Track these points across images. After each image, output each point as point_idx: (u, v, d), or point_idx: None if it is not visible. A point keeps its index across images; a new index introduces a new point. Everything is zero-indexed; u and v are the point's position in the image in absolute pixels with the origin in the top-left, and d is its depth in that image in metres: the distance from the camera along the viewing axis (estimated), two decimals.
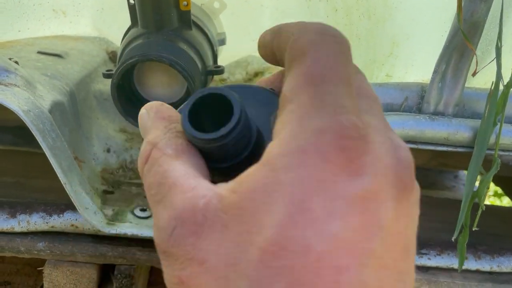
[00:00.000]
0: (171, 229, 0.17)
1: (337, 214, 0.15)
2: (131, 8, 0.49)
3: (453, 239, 0.45)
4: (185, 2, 0.48)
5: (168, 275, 0.17)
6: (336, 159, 0.16)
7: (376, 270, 0.16)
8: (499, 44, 0.41)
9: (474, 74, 0.41)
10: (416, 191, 0.18)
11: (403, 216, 0.17)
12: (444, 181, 1.00)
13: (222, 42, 0.57)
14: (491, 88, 0.42)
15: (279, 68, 0.79)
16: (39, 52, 0.59)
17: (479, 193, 0.45)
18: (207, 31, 0.53)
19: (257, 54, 0.77)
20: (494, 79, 0.43)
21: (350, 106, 0.17)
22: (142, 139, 0.23)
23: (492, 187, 1.87)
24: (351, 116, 0.17)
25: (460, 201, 0.46)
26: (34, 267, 0.67)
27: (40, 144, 0.43)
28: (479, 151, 0.43)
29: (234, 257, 0.16)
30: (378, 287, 0.16)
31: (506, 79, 0.42)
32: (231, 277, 0.16)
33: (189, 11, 0.48)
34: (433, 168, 0.95)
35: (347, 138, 0.16)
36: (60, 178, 0.44)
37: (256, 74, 0.70)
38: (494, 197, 1.84)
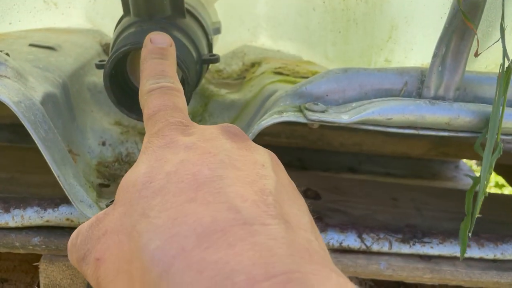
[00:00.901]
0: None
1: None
2: None
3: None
4: None
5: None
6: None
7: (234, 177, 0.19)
8: (503, 25, 0.40)
9: (476, 54, 0.40)
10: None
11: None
12: (446, 172, 0.99)
13: (217, 31, 0.56)
14: (499, 71, 0.41)
15: (276, 58, 0.78)
16: (31, 45, 0.58)
17: (482, 180, 0.44)
18: (201, 19, 0.52)
19: (253, 44, 0.75)
20: (495, 62, 0.41)
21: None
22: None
23: (493, 177, 1.86)
24: None
25: (461, 191, 0.45)
26: (31, 263, 0.66)
27: (32, 136, 0.42)
28: (492, 136, 0.42)
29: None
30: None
31: (507, 62, 0.40)
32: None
33: None
34: (434, 158, 0.94)
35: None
36: (53, 171, 0.43)
37: (253, 65, 0.69)
38: (495, 187, 1.83)
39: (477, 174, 0.45)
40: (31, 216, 0.48)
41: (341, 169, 0.91)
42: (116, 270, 0.18)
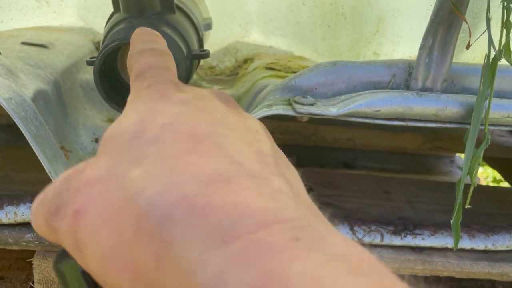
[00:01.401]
0: None
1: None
2: None
3: (451, 221, 0.45)
4: None
5: None
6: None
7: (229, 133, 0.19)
8: (489, 15, 0.41)
9: (467, 46, 0.40)
10: None
11: None
12: (441, 167, 1.00)
13: (208, 26, 0.57)
14: (484, 61, 0.42)
15: (268, 54, 0.78)
16: (23, 43, 0.58)
17: (470, 170, 0.44)
18: (191, 15, 0.52)
19: (245, 40, 0.76)
20: (483, 54, 0.42)
21: None
22: None
23: (491, 173, 1.87)
24: None
25: (454, 184, 0.45)
26: (28, 262, 0.67)
27: (23, 132, 0.42)
28: (475, 126, 0.42)
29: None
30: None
31: (493, 52, 0.41)
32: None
33: None
34: (428, 152, 0.94)
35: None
36: (44, 167, 0.44)
37: (246, 61, 0.70)
38: (493, 183, 1.83)
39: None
40: (24, 212, 0.49)
41: (337, 165, 0.92)
42: (102, 221, 0.16)
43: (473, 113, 0.42)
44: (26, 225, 0.50)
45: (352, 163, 0.94)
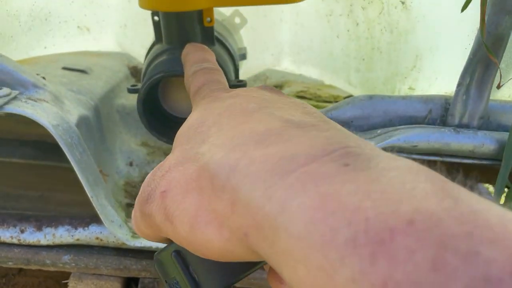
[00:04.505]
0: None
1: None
2: (156, 24, 0.50)
3: None
4: (208, 18, 0.48)
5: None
6: None
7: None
8: None
9: (498, 86, 0.41)
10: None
11: None
12: None
13: (243, 56, 0.58)
14: None
15: (298, 82, 0.79)
16: (64, 68, 0.60)
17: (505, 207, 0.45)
18: (229, 46, 0.53)
19: (275, 68, 0.77)
20: None
21: None
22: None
23: None
24: None
25: None
26: (56, 280, 0.68)
27: (68, 158, 0.44)
28: (507, 163, 0.42)
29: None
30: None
31: None
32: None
33: (212, 27, 0.49)
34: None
35: None
36: (87, 192, 0.45)
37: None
38: None
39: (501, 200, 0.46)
40: (62, 234, 0.50)
41: None
42: (184, 191, 0.19)
43: (505, 151, 0.43)
44: (63, 247, 0.51)
45: None
